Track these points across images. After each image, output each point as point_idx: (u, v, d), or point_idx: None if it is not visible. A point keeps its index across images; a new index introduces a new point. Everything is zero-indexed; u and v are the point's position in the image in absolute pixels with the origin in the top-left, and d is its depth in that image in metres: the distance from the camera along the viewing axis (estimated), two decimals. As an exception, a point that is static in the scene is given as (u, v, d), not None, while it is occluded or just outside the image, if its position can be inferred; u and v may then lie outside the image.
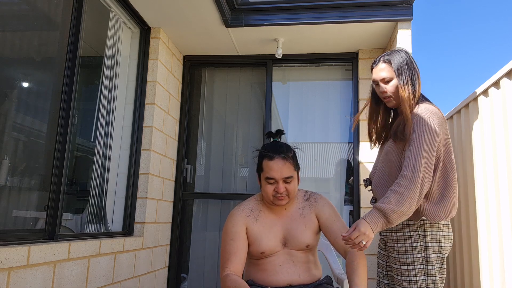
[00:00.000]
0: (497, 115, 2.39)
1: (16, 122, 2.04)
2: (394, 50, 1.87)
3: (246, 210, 1.77)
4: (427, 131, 1.65)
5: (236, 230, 1.71)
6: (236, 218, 1.74)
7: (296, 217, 1.76)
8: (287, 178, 1.67)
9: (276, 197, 1.68)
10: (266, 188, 1.70)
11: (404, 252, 1.72)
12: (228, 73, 4.03)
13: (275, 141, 1.79)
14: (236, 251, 1.66)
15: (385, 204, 1.58)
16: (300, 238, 1.72)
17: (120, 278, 2.72)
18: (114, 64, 2.96)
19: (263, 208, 1.79)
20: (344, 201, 3.67)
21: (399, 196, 1.58)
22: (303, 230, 1.73)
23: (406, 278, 1.70)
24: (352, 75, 3.75)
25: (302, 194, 1.85)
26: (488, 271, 2.47)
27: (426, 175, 1.62)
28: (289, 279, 1.69)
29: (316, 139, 3.80)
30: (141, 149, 3.19)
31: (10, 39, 2.01)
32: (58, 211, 2.22)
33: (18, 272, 1.80)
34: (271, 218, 1.76)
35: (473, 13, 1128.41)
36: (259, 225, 1.73)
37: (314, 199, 1.83)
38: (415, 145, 1.64)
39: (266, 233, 1.72)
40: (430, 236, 1.70)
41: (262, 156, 1.73)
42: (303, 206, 1.79)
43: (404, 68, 1.78)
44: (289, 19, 3.23)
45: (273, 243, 1.71)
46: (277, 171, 1.66)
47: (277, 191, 1.67)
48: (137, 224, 3.10)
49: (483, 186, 2.57)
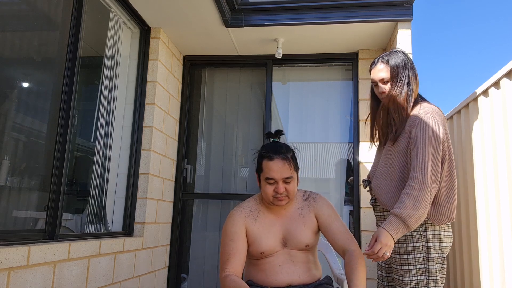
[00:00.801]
0: (497, 115, 2.39)
1: (16, 122, 2.04)
2: (393, 50, 1.88)
3: (245, 211, 1.77)
4: (432, 131, 1.64)
5: (235, 230, 1.71)
6: (235, 219, 1.74)
7: (296, 217, 1.76)
8: (287, 179, 1.67)
9: (276, 197, 1.68)
10: (266, 189, 1.70)
11: (406, 252, 1.72)
12: (228, 73, 4.03)
13: (275, 141, 1.79)
14: (236, 252, 1.66)
15: (402, 210, 1.57)
16: (300, 238, 1.72)
17: (120, 278, 2.72)
18: (114, 64, 2.96)
19: (262, 209, 1.79)
20: (344, 201, 3.67)
21: (414, 199, 1.57)
22: (302, 229, 1.73)
23: (407, 278, 1.69)
24: (352, 75, 3.75)
25: (301, 194, 1.85)
26: (488, 271, 2.47)
27: (433, 175, 1.61)
28: (288, 279, 1.68)
29: (316, 139, 3.80)
30: (141, 149, 3.19)
31: (10, 39, 2.01)
32: (58, 211, 2.22)
33: (18, 272, 1.80)
34: (270, 218, 1.76)
35: (473, 13, 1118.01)
36: (258, 225, 1.73)
37: (313, 198, 1.83)
38: (421, 145, 1.63)
39: (266, 233, 1.72)
40: (432, 235, 1.70)
41: (261, 157, 1.73)
42: (302, 206, 1.79)
43: (401, 68, 1.79)
44: (289, 19, 3.24)
45: (273, 243, 1.71)
46: (277, 171, 1.66)
47: (276, 192, 1.67)
48: (137, 224, 3.10)
49: (483, 186, 2.57)
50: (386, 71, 1.82)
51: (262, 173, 1.71)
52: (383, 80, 1.82)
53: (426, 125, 1.66)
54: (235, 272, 1.62)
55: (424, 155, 1.61)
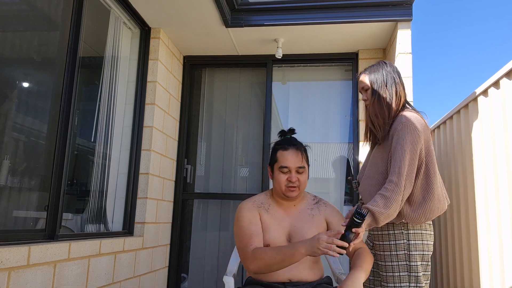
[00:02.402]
0: (497, 115, 2.39)
1: (17, 122, 2.04)
2: (380, 62, 2.01)
3: (257, 202, 1.83)
4: (409, 138, 1.77)
5: (253, 215, 1.76)
6: (249, 207, 1.79)
7: (305, 216, 1.81)
8: (300, 168, 1.75)
9: (288, 187, 1.74)
10: (279, 177, 1.76)
11: (389, 249, 1.83)
12: (228, 73, 4.03)
13: (288, 137, 1.88)
14: (256, 234, 1.70)
15: (374, 207, 1.70)
16: (306, 236, 1.72)
17: (120, 278, 2.72)
18: (114, 65, 2.96)
19: (273, 203, 1.83)
20: (344, 201, 3.67)
21: (386, 200, 1.70)
22: (310, 228, 1.75)
23: (390, 273, 1.80)
24: (352, 75, 3.75)
25: (311, 197, 1.92)
26: (488, 271, 2.47)
27: (408, 180, 1.74)
28: (289, 274, 1.69)
29: (316, 139, 3.81)
30: (141, 149, 3.20)
31: (10, 39, 2.01)
32: (59, 211, 2.23)
33: (18, 272, 1.80)
34: (280, 213, 1.80)
35: (473, 13, 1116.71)
36: (270, 216, 1.78)
37: (323, 203, 1.90)
38: (399, 152, 1.76)
39: (275, 226, 1.76)
40: (412, 234, 1.81)
41: (276, 149, 1.82)
42: (312, 208, 1.84)
43: (380, 79, 1.93)
44: (289, 19, 3.24)
45: (280, 237, 1.74)
46: (291, 160, 1.74)
47: (289, 180, 1.73)
48: (137, 224, 3.11)
49: (483, 186, 2.58)
50: (366, 81, 1.97)
51: (276, 163, 1.78)
52: (364, 88, 1.99)
53: (405, 133, 1.78)
54: None
55: (401, 161, 1.74)
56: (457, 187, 3.01)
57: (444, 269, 3.26)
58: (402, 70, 3.04)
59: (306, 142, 1.92)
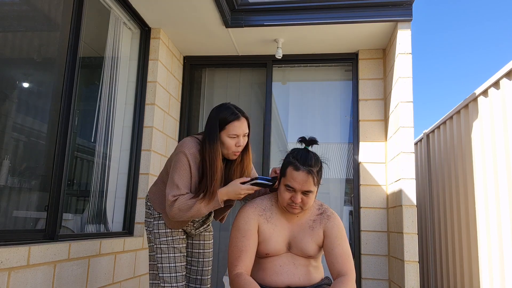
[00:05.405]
0: (497, 115, 2.39)
1: (17, 122, 2.05)
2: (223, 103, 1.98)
3: (259, 209, 1.77)
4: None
5: (248, 227, 1.71)
6: (249, 215, 1.74)
7: (306, 227, 1.76)
8: (306, 192, 1.65)
9: (291, 205, 1.68)
10: (284, 194, 1.69)
11: None
12: (228, 74, 4.03)
13: (307, 149, 1.73)
14: (248, 249, 1.67)
15: None
16: (304, 249, 1.72)
17: (120, 278, 2.72)
18: (115, 65, 2.97)
19: (276, 210, 1.78)
20: (344, 201, 3.67)
21: None
22: (308, 241, 1.73)
23: None
24: (352, 76, 3.75)
25: (316, 207, 1.82)
26: (488, 271, 2.47)
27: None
28: (288, 281, 1.68)
29: (316, 139, 3.80)
30: (141, 149, 3.20)
31: (11, 39, 2.02)
32: (59, 211, 2.23)
33: (18, 272, 1.80)
34: (281, 222, 1.76)
35: (473, 13, 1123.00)
36: (269, 227, 1.73)
37: (327, 216, 1.80)
38: None
39: (275, 236, 1.72)
40: None
41: (288, 162, 1.69)
42: (314, 219, 1.77)
43: None
44: (289, 20, 3.24)
45: (280, 246, 1.72)
46: (298, 183, 1.64)
47: (293, 200, 1.67)
48: (137, 224, 3.11)
49: (483, 186, 2.58)
50: None
51: (284, 178, 1.69)
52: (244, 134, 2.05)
53: None
54: (246, 270, 1.63)
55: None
56: (457, 187, 3.01)
57: (444, 269, 3.26)
58: (402, 70, 3.05)
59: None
